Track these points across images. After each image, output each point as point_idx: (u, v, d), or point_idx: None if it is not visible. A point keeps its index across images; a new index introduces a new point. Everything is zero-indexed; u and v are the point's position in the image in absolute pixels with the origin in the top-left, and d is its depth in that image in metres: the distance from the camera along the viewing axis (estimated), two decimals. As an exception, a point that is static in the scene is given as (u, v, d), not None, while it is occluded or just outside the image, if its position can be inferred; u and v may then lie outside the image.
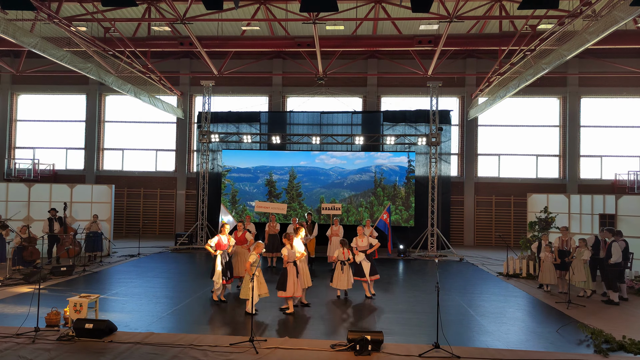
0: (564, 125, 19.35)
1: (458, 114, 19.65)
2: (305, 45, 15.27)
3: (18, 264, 11.32)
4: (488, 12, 14.15)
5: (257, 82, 20.07)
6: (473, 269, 13.40)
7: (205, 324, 7.50)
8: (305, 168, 17.76)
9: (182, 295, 9.35)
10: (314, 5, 9.16)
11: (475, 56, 19.07)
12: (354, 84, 19.74)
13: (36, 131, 21.05)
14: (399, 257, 15.34)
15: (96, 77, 14.12)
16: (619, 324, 7.66)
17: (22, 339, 6.31)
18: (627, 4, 8.63)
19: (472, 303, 9.10)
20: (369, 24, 16.68)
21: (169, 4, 11.79)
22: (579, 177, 19.02)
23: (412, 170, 17.44)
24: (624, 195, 12.49)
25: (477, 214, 19.30)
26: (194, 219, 18.93)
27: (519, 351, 6.28)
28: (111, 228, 14.84)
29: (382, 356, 5.94)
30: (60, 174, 20.45)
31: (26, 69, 18.77)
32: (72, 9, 15.13)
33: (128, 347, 6.09)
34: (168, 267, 12.68)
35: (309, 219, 13.25)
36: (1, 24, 10.30)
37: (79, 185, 14.87)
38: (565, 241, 10.52)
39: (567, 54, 11.07)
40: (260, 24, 16.79)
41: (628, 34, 13.70)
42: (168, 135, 20.68)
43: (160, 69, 18.39)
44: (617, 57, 18.06)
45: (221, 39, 15.81)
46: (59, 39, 13.16)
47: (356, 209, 17.37)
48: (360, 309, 8.57)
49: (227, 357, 5.84)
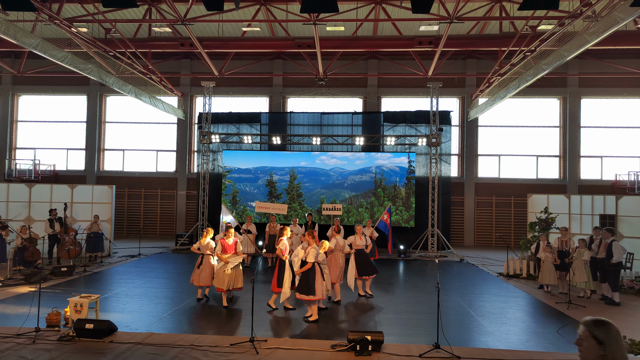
0: (564, 125, 19.35)
1: (458, 114, 19.66)
2: (305, 46, 15.29)
3: (19, 265, 11.32)
4: (488, 13, 14.17)
5: (257, 83, 20.09)
6: (473, 269, 13.40)
7: (206, 324, 7.50)
8: (306, 168, 17.77)
9: (182, 295, 9.36)
10: (315, 6, 9.18)
11: (476, 57, 19.08)
12: (355, 84, 19.76)
13: (37, 132, 21.08)
14: (399, 257, 15.34)
15: (97, 78, 14.14)
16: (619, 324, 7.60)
17: (22, 339, 6.32)
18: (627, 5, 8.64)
19: (472, 303, 9.11)
20: (369, 25, 16.69)
21: (170, 5, 11.80)
22: (579, 178, 19.02)
23: (412, 171, 17.45)
24: (624, 196, 12.49)
25: (477, 214, 19.30)
26: (194, 220, 18.95)
27: (519, 351, 6.28)
28: (112, 228, 14.85)
29: (382, 356, 5.95)
30: (61, 174, 20.47)
31: (27, 69, 18.80)
32: (73, 10, 15.16)
33: (128, 348, 6.10)
34: (169, 267, 12.69)
35: (310, 220, 13.26)
36: (2, 25, 10.33)
37: (79, 186, 14.89)
38: (564, 242, 10.53)
39: (567, 55, 11.08)
40: (261, 24, 16.81)
41: (628, 35, 13.69)
42: (169, 136, 20.70)
43: (161, 70, 18.41)
44: (617, 58, 18.06)
45: (222, 39, 15.82)
46: (59, 40, 13.20)
47: (356, 209, 17.38)
48: (360, 309, 8.57)
49: (227, 357, 5.85)
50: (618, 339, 2.28)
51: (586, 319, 2.38)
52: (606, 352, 2.26)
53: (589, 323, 2.35)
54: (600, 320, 2.33)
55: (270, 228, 12.96)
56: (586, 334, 2.33)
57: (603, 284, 9.56)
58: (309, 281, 7.47)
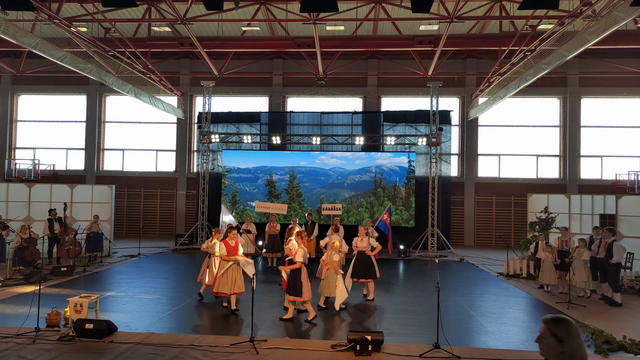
0: (564, 125, 19.34)
1: (458, 114, 19.65)
2: (305, 45, 15.28)
3: (18, 264, 11.32)
4: (488, 13, 14.16)
5: (257, 83, 20.07)
6: (473, 269, 13.40)
7: (206, 324, 7.49)
8: (306, 168, 17.76)
9: (182, 295, 9.35)
10: (314, 6, 9.17)
11: (476, 56, 19.07)
12: (354, 84, 19.74)
13: (36, 131, 21.06)
14: (399, 257, 15.34)
15: (96, 78, 14.12)
16: (619, 324, 7.65)
17: (22, 339, 6.31)
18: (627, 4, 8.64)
19: (472, 303, 9.10)
20: (369, 25, 16.68)
21: (169, 5, 11.79)
22: (579, 177, 19.01)
23: (412, 171, 17.44)
24: (624, 196, 12.48)
25: (477, 214, 19.29)
26: (194, 219, 18.94)
27: (519, 351, 6.28)
28: (111, 228, 14.85)
29: (382, 356, 5.94)
30: (61, 174, 20.46)
31: (26, 69, 18.79)
32: (72, 9, 15.15)
33: (128, 348, 6.09)
34: (168, 267, 12.68)
35: (310, 220, 13.25)
36: (2, 24, 10.31)
37: (79, 186, 14.88)
38: (564, 241, 10.53)
39: (567, 54, 11.07)
40: (261, 24, 16.80)
41: (628, 34, 13.70)
42: (168, 136, 20.69)
43: (161, 70, 18.40)
44: (617, 58, 18.06)
45: (221, 39, 15.82)
46: (59, 40, 13.18)
47: (356, 209, 17.37)
48: (360, 309, 8.56)
49: (227, 357, 5.84)
50: (577, 337, 2.32)
51: (546, 317, 2.42)
52: (564, 350, 2.31)
53: (549, 321, 2.38)
54: (560, 319, 2.37)
55: (270, 228, 12.95)
56: (546, 332, 2.38)
57: (603, 284, 9.55)
58: (296, 282, 7.43)
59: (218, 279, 8.08)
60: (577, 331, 2.34)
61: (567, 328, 2.34)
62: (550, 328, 2.36)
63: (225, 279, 8.00)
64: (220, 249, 8.12)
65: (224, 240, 8.12)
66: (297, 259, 7.47)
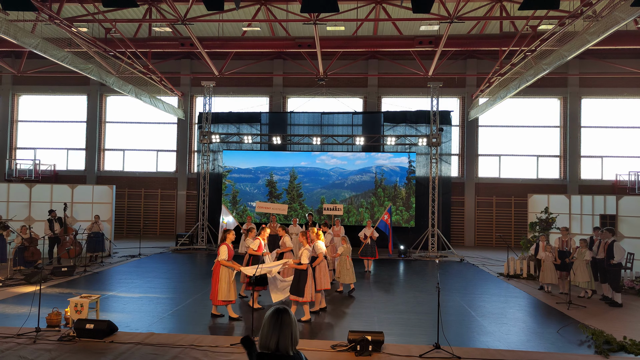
0: (564, 125, 19.34)
1: (458, 114, 19.65)
2: (305, 45, 15.28)
3: (19, 265, 11.32)
4: (489, 13, 14.15)
5: (257, 83, 20.08)
6: (473, 269, 13.39)
7: (206, 324, 7.49)
8: (306, 168, 17.76)
9: (182, 295, 9.35)
10: (315, 6, 9.16)
11: (476, 57, 19.07)
12: (355, 84, 19.75)
13: (37, 132, 21.07)
14: (399, 257, 15.34)
15: (97, 78, 14.13)
16: (619, 325, 7.65)
17: (23, 339, 6.31)
18: (628, 5, 8.64)
19: (472, 303, 9.10)
20: (369, 25, 16.69)
21: (170, 5, 11.80)
22: (580, 178, 19.01)
23: (412, 171, 17.44)
24: (624, 196, 12.48)
25: (477, 214, 19.29)
26: (194, 220, 18.94)
27: (519, 352, 6.27)
28: (112, 228, 14.85)
29: (382, 356, 5.94)
30: (61, 174, 20.47)
31: (27, 69, 18.81)
32: (73, 9, 15.16)
33: (129, 348, 6.10)
34: (169, 267, 12.69)
35: (310, 220, 13.26)
36: (2, 24, 10.32)
37: (80, 186, 14.88)
38: (565, 242, 10.52)
39: (567, 55, 11.07)
40: (261, 24, 16.80)
41: (629, 35, 13.69)
42: (169, 136, 20.70)
43: (161, 70, 18.40)
44: (617, 58, 18.06)
45: (222, 39, 15.82)
46: (60, 40, 13.17)
47: (357, 209, 17.38)
48: (360, 309, 8.57)
49: (227, 357, 5.84)
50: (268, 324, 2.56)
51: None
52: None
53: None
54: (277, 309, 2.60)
55: (270, 228, 12.95)
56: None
57: (603, 285, 9.54)
58: (300, 283, 7.40)
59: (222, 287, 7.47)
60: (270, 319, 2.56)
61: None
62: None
63: (228, 286, 7.49)
64: (221, 253, 7.50)
65: (225, 244, 7.58)
66: (302, 260, 7.44)
